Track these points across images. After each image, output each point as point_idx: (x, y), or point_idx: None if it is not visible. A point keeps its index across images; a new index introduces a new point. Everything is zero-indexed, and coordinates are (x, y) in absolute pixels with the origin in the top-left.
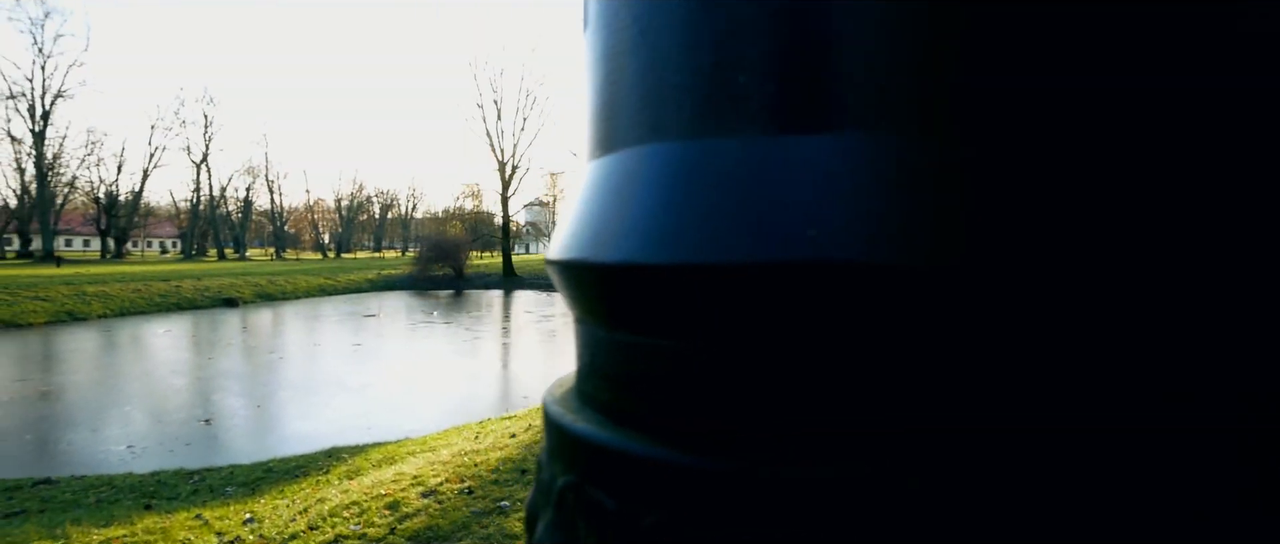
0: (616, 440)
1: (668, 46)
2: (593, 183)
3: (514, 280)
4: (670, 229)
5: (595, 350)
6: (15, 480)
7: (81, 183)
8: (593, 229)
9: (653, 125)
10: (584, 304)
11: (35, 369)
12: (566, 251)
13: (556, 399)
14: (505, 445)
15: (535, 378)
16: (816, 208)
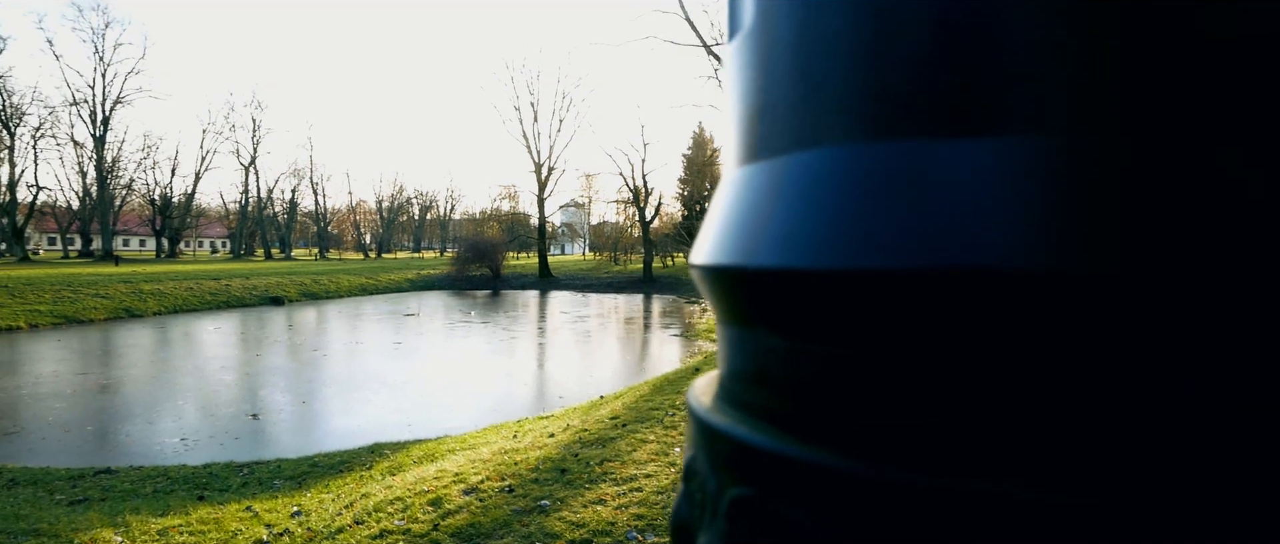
0: (804, 454)
1: (828, 50)
2: (746, 188)
3: (549, 281)
4: (844, 234)
5: (759, 357)
6: (79, 469)
7: (138, 185)
8: (753, 234)
9: (812, 130)
10: (748, 310)
11: (95, 363)
12: (722, 256)
13: (715, 408)
14: (544, 445)
15: (570, 378)
16: (985, 212)
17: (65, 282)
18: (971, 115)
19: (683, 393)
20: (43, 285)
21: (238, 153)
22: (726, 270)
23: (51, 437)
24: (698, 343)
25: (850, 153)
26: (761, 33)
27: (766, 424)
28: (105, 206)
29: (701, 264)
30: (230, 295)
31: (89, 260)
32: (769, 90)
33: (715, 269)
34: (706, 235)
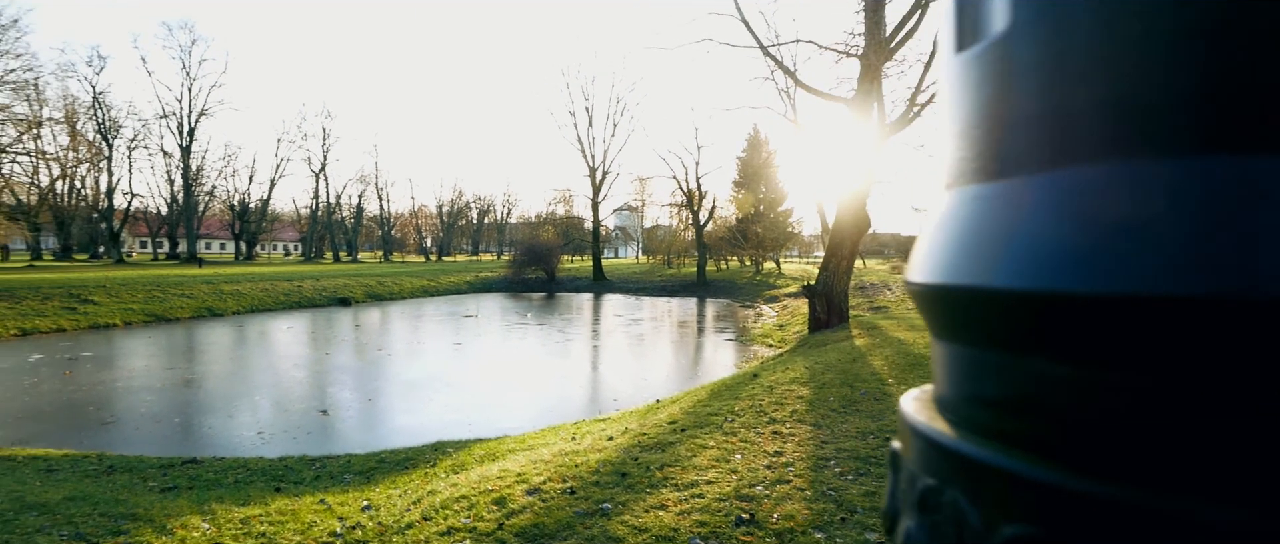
0: (1104, 491)
1: (1145, 58)
2: (1004, 205)
3: (603, 283)
4: (1177, 257)
5: (1027, 385)
6: (168, 459)
7: (219, 192)
8: (1029, 255)
9: (1066, 147)
10: (1018, 335)
11: (181, 359)
12: (976, 277)
13: (963, 436)
14: (603, 448)
15: (624, 381)
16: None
17: (154, 282)
18: (1256, 132)
19: (741, 398)
20: (135, 286)
21: (309, 160)
22: (988, 293)
23: (143, 427)
24: (753, 348)
25: (1124, 172)
26: (1005, 42)
27: (1040, 457)
28: (190, 212)
29: (937, 283)
30: (302, 296)
31: (175, 262)
32: (1014, 105)
33: (965, 290)
34: (938, 253)
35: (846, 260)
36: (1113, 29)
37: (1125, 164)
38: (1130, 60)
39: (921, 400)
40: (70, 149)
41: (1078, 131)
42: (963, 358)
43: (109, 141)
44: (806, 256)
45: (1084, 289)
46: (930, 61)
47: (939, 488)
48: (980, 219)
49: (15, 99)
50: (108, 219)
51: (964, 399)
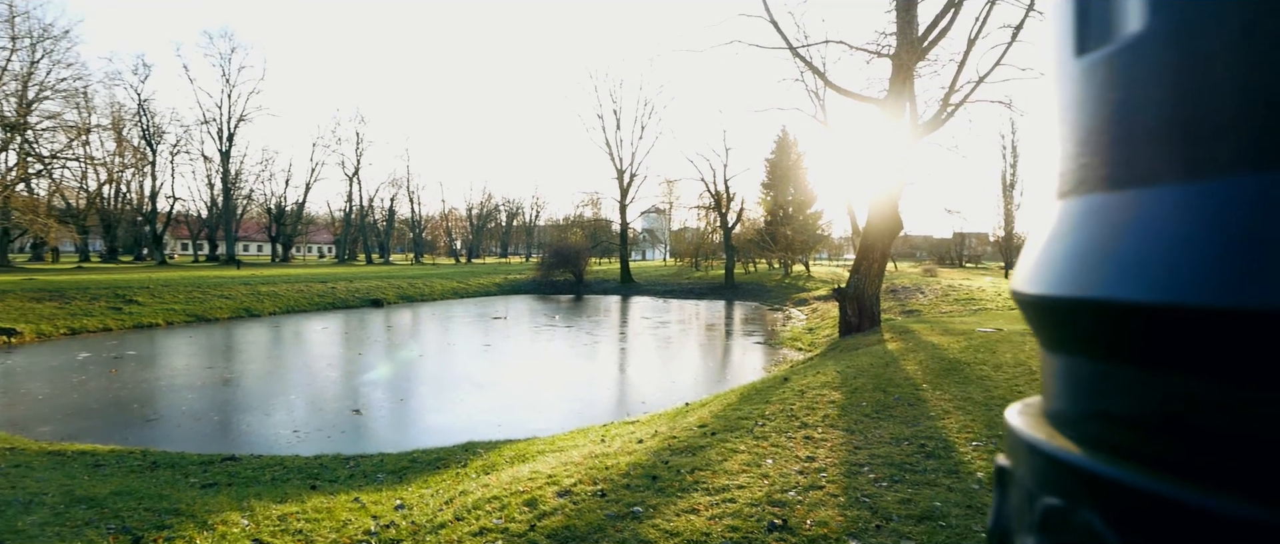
0: (1196, 498)
1: (1243, 67)
2: (1115, 216)
3: (631, 286)
4: (1270, 271)
5: (1168, 403)
6: (208, 455)
7: (257, 195)
8: (1131, 266)
9: (1216, 156)
10: (1105, 342)
11: (220, 358)
12: (1079, 288)
13: (1090, 453)
14: (633, 451)
15: (651, 383)
16: None
17: (195, 283)
18: None
19: (771, 402)
20: (177, 287)
21: (343, 164)
22: (1127, 306)
23: (184, 424)
24: (781, 351)
25: (1265, 184)
26: (1172, 44)
27: (1195, 481)
28: (229, 215)
29: (1059, 294)
30: (336, 297)
31: (215, 264)
32: (1184, 106)
33: (1098, 303)
34: (1059, 264)
35: (878, 263)
36: (1266, 33)
37: (1208, 183)
38: (1240, 71)
39: (1031, 414)
40: (117, 155)
41: (1228, 140)
42: (1088, 372)
43: (153, 147)
44: (836, 259)
45: (1245, 304)
46: (964, 60)
47: (1067, 508)
48: (1112, 229)
49: (66, 107)
50: (151, 222)
51: (1089, 415)
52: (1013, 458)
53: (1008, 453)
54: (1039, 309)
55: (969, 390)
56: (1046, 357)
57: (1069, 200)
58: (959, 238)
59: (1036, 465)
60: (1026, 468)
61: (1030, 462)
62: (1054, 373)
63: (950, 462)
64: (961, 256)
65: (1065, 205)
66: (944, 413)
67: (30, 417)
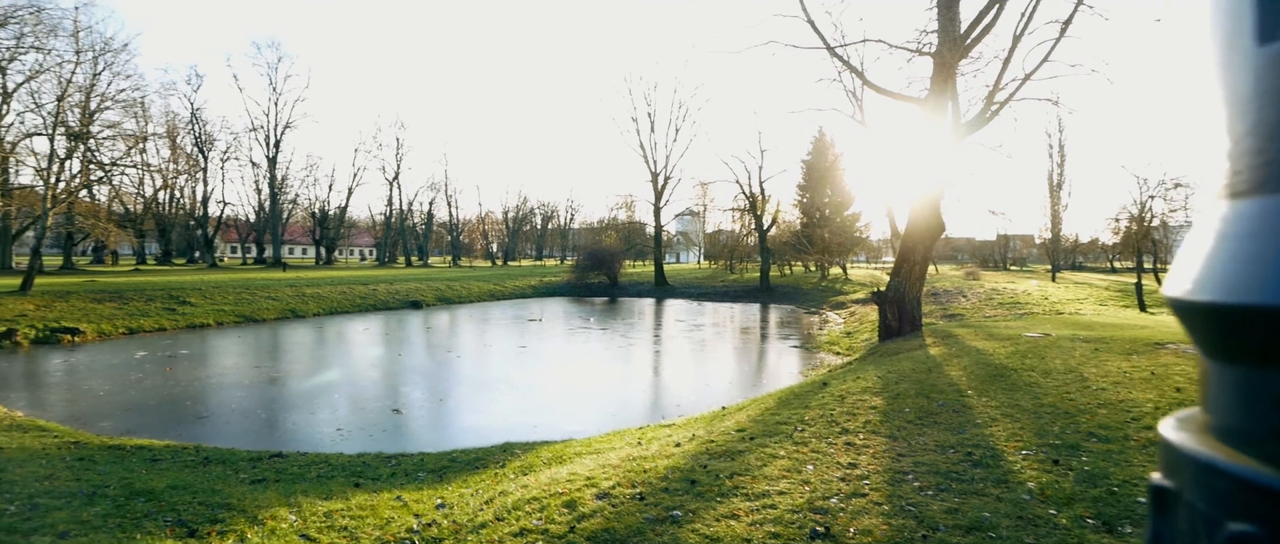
0: None
1: None
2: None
3: (665, 289)
4: None
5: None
6: (256, 452)
7: (302, 200)
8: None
9: None
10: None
11: (266, 358)
12: (1262, 295)
13: (1259, 462)
14: (671, 454)
15: (686, 386)
16: None
17: (244, 285)
18: None
19: (810, 407)
20: (226, 288)
21: (383, 169)
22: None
23: (233, 421)
24: (819, 355)
25: None
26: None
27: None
28: (275, 219)
29: (1236, 302)
30: (376, 299)
31: (262, 266)
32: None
33: (1246, 309)
34: (1231, 268)
35: (919, 266)
36: None
37: None
38: None
39: (1194, 430)
40: (171, 161)
41: None
42: (1244, 381)
43: (204, 154)
44: (874, 262)
45: None
46: (1010, 57)
47: (1258, 537)
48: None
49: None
50: (203, 226)
51: (1261, 431)
52: (1176, 478)
53: (1168, 472)
54: (1209, 317)
55: (1017, 397)
56: (1215, 368)
57: (1248, 200)
58: (1003, 240)
59: (1219, 488)
60: (1202, 490)
61: (1208, 483)
62: (1227, 386)
63: (999, 471)
64: (1006, 259)
65: (1243, 206)
66: (991, 420)
67: (92, 412)
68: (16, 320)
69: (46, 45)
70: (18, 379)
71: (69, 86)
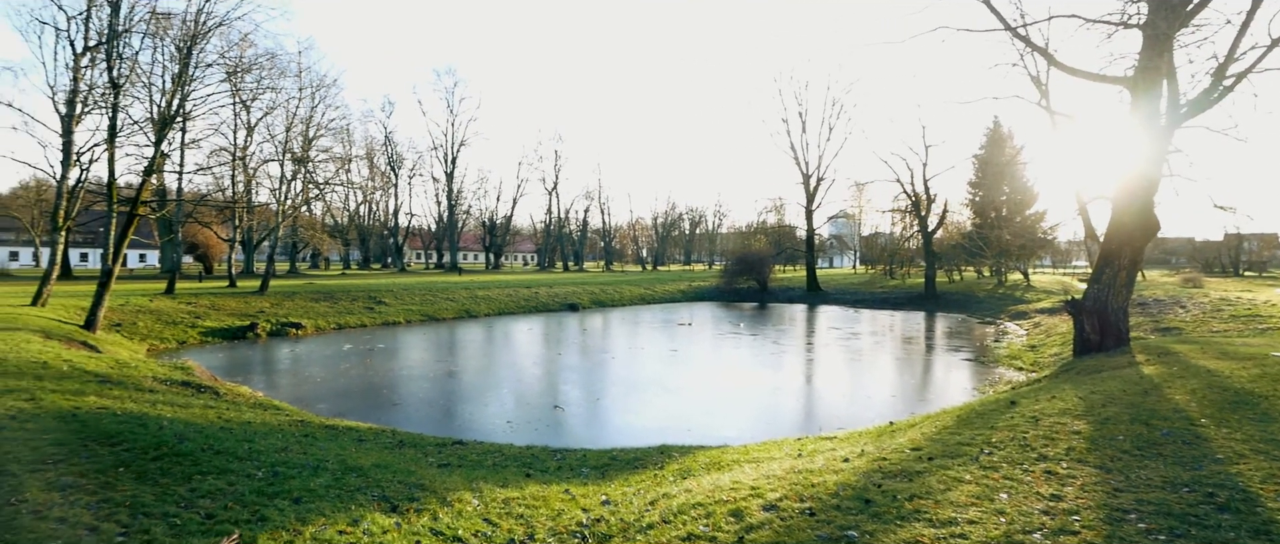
0: None
1: None
2: None
3: (817, 294)
4: None
5: None
6: (440, 439)
7: (474, 210)
8: None
9: None
10: None
11: (445, 353)
12: None
13: None
14: (839, 469)
15: (844, 397)
16: None
17: (427, 288)
18: None
19: (997, 428)
20: (413, 291)
21: (543, 180)
22: None
23: (420, 409)
24: (997, 370)
25: None
26: None
27: None
28: (452, 228)
29: None
30: (538, 302)
31: (441, 271)
32: None
33: None
34: None
35: (1125, 271)
36: None
37: None
38: None
39: None
40: (370, 179)
41: None
42: None
43: (395, 172)
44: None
45: None
46: (1249, 20)
47: None
48: None
49: (334, 142)
50: (394, 235)
51: None
52: None
53: None
54: None
55: (1272, 430)
56: None
57: None
58: (1234, 240)
59: None
60: None
61: None
62: None
63: (1256, 519)
64: (1238, 263)
65: None
66: (1237, 456)
67: (311, 396)
68: (257, 315)
69: (278, 85)
70: (258, 365)
71: (293, 118)
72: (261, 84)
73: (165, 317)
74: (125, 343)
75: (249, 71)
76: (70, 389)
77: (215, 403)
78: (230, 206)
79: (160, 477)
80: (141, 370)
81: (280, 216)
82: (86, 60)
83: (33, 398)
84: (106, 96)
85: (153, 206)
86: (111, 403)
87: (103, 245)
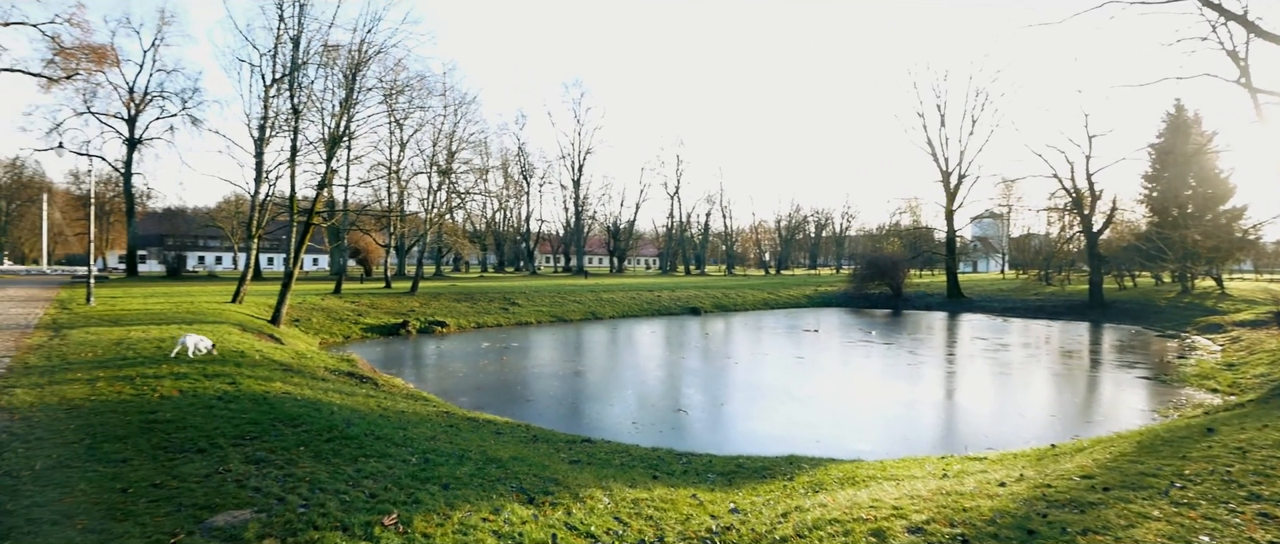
0: None
1: None
2: None
3: (959, 301)
4: None
5: None
6: (570, 435)
7: (599, 216)
8: None
9: None
10: None
11: (572, 353)
12: None
13: None
14: (994, 494)
15: (989, 415)
16: None
17: (555, 290)
18: None
19: (1191, 459)
20: (543, 293)
21: (665, 185)
22: None
23: (549, 406)
24: (1183, 391)
25: None
26: None
27: None
28: (579, 233)
29: None
30: (660, 305)
31: (568, 274)
32: None
33: None
34: None
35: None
36: None
37: None
38: None
39: None
40: (504, 188)
41: None
42: None
43: (527, 180)
44: (1270, 271)
45: None
46: None
47: None
48: None
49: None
50: (526, 240)
51: None
52: None
53: None
54: None
55: None
56: None
57: None
58: None
59: None
60: None
61: None
62: None
63: None
64: None
65: None
66: None
67: (455, 389)
68: (408, 314)
69: (426, 104)
70: (408, 359)
71: (439, 134)
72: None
73: (333, 314)
74: (302, 336)
75: (402, 93)
76: (261, 376)
77: (375, 393)
78: (386, 216)
79: (332, 457)
80: (315, 361)
81: (428, 224)
82: (273, 91)
83: (234, 382)
84: (289, 121)
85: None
86: (293, 389)
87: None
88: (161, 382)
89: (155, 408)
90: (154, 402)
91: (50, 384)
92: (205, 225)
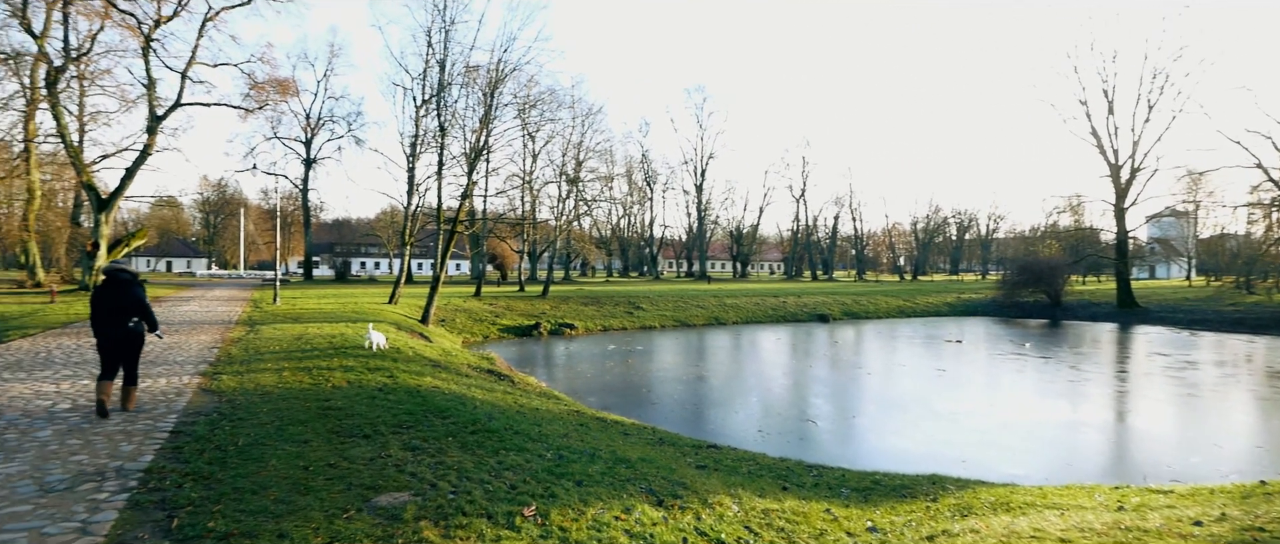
0: None
1: None
2: None
3: (1133, 311)
4: None
5: None
6: (696, 440)
7: (722, 220)
8: None
9: None
10: None
11: (695, 358)
12: None
13: None
14: (1187, 533)
15: (1170, 442)
16: None
17: (678, 295)
18: None
19: None
20: (666, 297)
21: (790, 188)
22: None
23: (673, 410)
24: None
25: None
26: None
27: None
28: (701, 238)
29: None
30: (785, 311)
31: (691, 279)
32: None
33: None
34: None
35: None
36: None
37: None
38: None
39: None
40: (629, 194)
41: None
42: None
43: (650, 187)
44: None
45: None
46: None
47: None
48: None
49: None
50: (650, 245)
51: None
52: None
53: None
54: None
55: None
56: None
57: None
58: None
59: None
60: None
61: None
62: None
63: None
64: None
65: None
66: None
67: (583, 389)
68: (540, 316)
69: (556, 116)
70: (540, 359)
71: (568, 144)
72: (543, 116)
73: (474, 315)
74: (447, 335)
75: (534, 107)
76: (414, 370)
77: (512, 390)
78: (520, 223)
79: (476, 448)
80: (460, 358)
81: (558, 230)
82: (423, 111)
83: (392, 376)
84: (436, 138)
85: (466, 224)
86: (442, 383)
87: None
88: (333, 373)
89: (329, 396)
90: (327, 391)
91: (247, 372)
92: (366, 234)
